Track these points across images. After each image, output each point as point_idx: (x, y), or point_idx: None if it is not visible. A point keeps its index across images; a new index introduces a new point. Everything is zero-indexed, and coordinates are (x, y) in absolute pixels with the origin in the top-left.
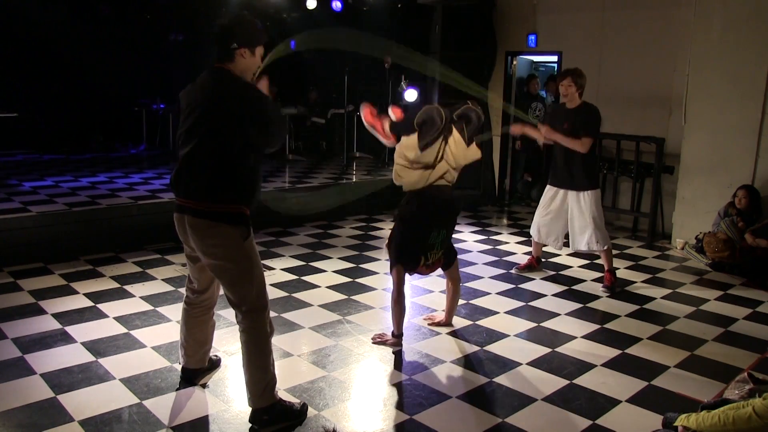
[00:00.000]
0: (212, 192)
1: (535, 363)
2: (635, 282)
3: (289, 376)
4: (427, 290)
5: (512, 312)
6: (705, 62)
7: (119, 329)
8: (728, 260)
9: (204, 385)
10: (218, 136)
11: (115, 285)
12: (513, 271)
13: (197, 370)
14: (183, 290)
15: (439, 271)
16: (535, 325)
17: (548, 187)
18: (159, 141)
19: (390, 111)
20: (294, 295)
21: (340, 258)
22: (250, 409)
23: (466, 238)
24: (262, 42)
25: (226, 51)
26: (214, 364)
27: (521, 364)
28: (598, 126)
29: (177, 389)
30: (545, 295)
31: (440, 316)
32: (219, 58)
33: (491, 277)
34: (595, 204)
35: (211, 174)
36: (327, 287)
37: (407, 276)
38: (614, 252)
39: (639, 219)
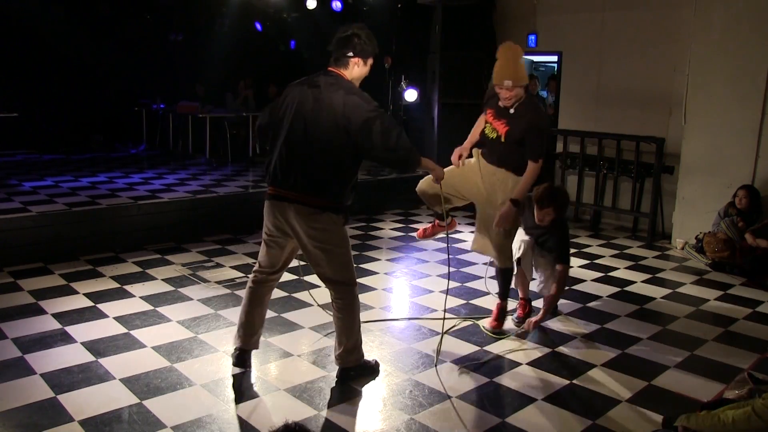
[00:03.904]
0: (319, 188)
1: (535, 363)
2: (635, 282)
3: (289, 376)
4: (427, 290)
5: (512, 312)
6: (705, 62)
7: (119, 329)
8: (728, 260)
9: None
10: (333, 138)
11: (115, 285)
12: None
13: (250, 351)
14: (183, 290)
15: (440, 270)
16: None
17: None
18: (159, 141)
19: None
20: (294, 295)
21: None
22: (338, 368)
23: (466, 238)
24: (373, 55)
25: (342, 57)
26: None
27: (521, 364)
28: None
29: (177, 389)
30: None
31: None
32: (334, 61)
33: (491, 277)
34: None
35: (323, 173)
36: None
37: (406, 277)
38: (614, 252)
39: (639, 219)
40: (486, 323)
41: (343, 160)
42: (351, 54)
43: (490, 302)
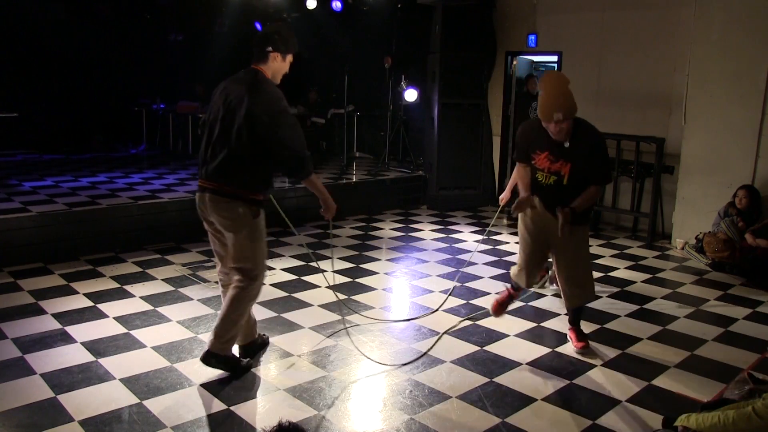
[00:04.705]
0: (228, 177)
1: (535, 363)
2: (635, 282)
3: (289, 376)
4: (427, 290)
5: (512, 312)
6: (705, 62)
7: (119, 329)
8: (728, 260)
9: (257, 361)
10: (240, 130)
11: (115, 285)
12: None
13: (249, 344)
14: (183, 290)
15: (441, 270)
16: (535, 325)
17: None
18: (159, 141)
19: None
20: (294, 295)
21: (340, 258)
22: (206, 348)
23: (466, 238)
24: (293, 51)
25: (262, 53)
26: (265, 341)
27: (521, 364)
28: None
29: (177, 389)
30: (545, 295)
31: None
32: (255, 59)
33: (491, 277)
34: None
35: (232, 163)
36: (327, 287)
37: (406, 276)
38: (614, 252)
39: (639, 219)
40: (574, 348)
41: (253, 151)
42: (270, 49)
43: (491, 302)
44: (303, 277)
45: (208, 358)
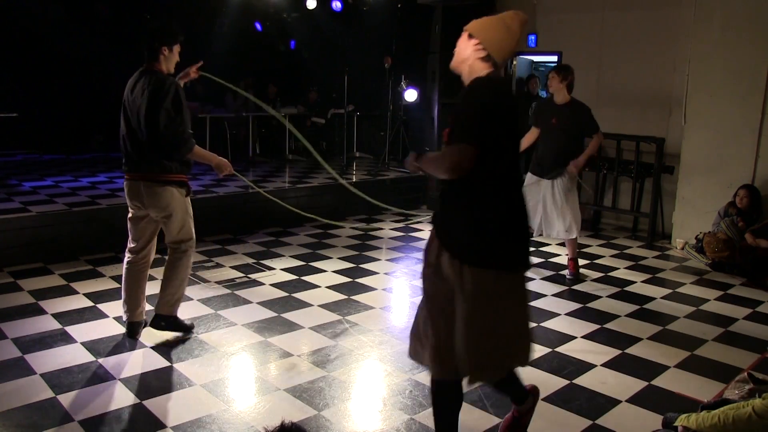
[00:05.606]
0: (155, 166)
1: (535, 363)
2: (635, 282)
3: (289, 376)
4: None
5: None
6: (705, 62)
7: (119, 329)
8: (728, 260)
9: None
10: (148, 124)
11: (115, 285)
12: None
13: (139, 323)
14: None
15: None
16: (535, 325)
17: (529, 175)
18: None
19: None
20: (294, 295)
21: (340, 258)
22: (154, 313)
23: None
24: (180, 40)
25: (153, 52)
26: (145, 323)
27: None
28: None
29: (177, 389)
30: (545, 295)
31: None
32: (147, 57)
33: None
34: (570, 190)
35: (151, 154)
36: (327, 287)
37: (406, 276)
38: (614, 252)
39: (639, 219)
40: None
41: (158, 138)
42: (158, 46)
43: None
44: (303, 277)
45: (158, 322)
